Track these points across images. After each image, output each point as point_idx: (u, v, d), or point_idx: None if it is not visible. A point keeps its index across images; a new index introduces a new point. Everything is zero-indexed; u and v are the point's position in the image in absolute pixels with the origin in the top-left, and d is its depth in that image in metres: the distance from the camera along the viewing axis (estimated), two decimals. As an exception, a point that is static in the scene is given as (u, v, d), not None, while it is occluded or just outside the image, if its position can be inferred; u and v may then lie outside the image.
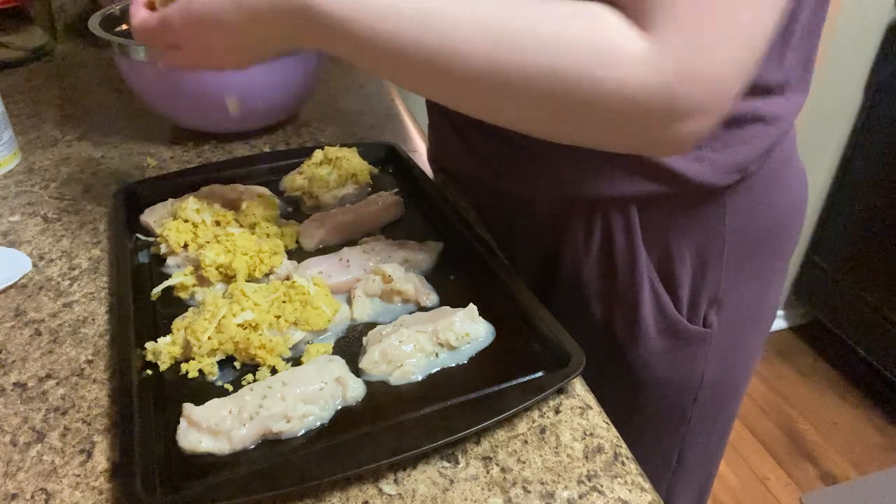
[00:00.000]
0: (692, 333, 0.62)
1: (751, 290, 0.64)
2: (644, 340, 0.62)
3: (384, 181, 0.71)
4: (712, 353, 0.64)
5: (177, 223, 0.58)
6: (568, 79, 0.39)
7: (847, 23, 1.51)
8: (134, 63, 0.76)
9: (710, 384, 0.66)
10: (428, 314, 0.50)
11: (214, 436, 0.40)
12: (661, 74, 0.38)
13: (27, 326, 0.53)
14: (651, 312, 0.61)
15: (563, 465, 0.41)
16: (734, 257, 0.60)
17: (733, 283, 0.61)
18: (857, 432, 1.72)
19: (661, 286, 0.60)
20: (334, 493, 0.39)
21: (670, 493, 0.75)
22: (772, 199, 0.60)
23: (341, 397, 0.44)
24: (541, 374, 0.46)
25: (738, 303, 0.63)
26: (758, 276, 0.64)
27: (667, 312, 0.61)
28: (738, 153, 0.54)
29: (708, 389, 0.67)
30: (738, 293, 0.62)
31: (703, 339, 0.63)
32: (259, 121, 0.83)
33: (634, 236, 0.58)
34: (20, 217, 0.67)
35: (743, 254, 0.60)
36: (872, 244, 1.67)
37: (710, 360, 0.65)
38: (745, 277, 0.62)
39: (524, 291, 0.52)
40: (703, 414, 0.69)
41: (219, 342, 0.47)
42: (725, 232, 0.59)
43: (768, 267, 0.64)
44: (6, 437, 0.43)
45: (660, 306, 0.61)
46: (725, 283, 0.61)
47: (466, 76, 0.41)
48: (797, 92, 0.55)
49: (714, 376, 0.66)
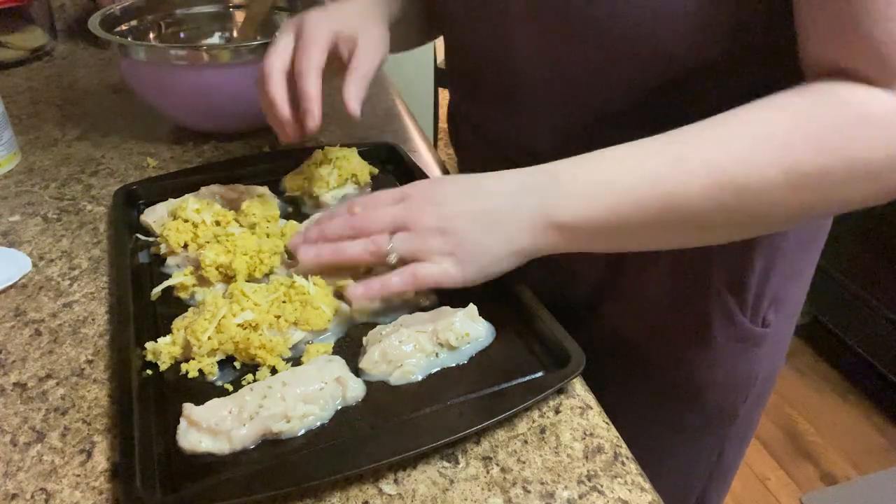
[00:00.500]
0: (755, 335, 0.62)
1: (799, 286, 0.64)
2: (709, 346, 0.61)
3: (384, 181, 0.71)
4: (766, 352, 0.64)
5: (177, 223, 0.58)
6: (844, 153, 0.40)
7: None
8: (134, 63, 0.76)
9: (760, 382, 0.66)
10: (428, 314, 0.50)
11: (214, 436, 0.40)
12: None
13: (27, 326, 0.53)
14: (719, 319, 0.60)
15: (563, 465, 0.41)
16: (793, 256, 0.60)
17: (789, 280, 0.61)
18: (857, 432, 1.71)
19: (729, 292, 0.59)
20: (334, 493, 0.39)
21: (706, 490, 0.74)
22: None
23: (341, 397, 0.44)
24: (541, 374, 0.46)
25: (790, 299, 0.63)
26: (805, 271, 0.64)
27: (734, 318, 0.60)
28: None
29: (757, 387, 0.66)
30: (790, 289, 0.62)
31: (763, 339, 0.63)
32: (259, 121, 0.83)
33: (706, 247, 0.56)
34: (20, 217, 0.67)
35: (799, 251, 0.60)
36: (873, 244, 1.67)
37: (764, 358, 0.64)
38: (797, 274, 0.62)
39: (524, 291, 0.52)
40: (749, 411, 0.68)
41: (219, 342, 0.47)
42: (788, 233, 0.58)
43: (812, 259, 0.64)
44: (6, 437, 0.43)
45: (728, 313, 0.60)
46: (784, 282, 0.61)
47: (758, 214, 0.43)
48: None
49: (765, 374, 0.66)
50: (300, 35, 0.55)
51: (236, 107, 0.78)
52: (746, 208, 0.43)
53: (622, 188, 0.44)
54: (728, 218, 0.44)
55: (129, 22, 0.86)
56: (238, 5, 0.93)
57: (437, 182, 0.49)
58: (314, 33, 0.54)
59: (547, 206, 0.45)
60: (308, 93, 0.53)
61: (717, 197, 0.42)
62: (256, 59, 0.73)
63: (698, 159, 0.42)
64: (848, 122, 0.41)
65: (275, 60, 0.55)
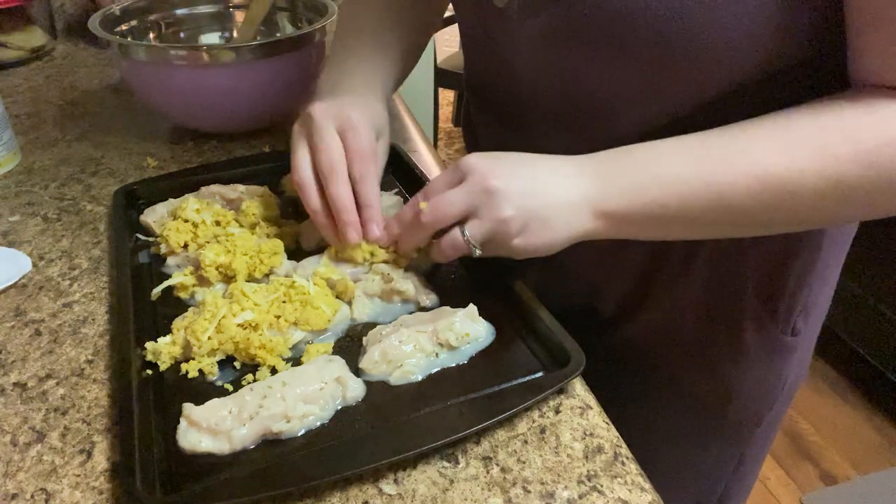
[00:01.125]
0: (786, 344, 0.61)
1: (826, 293, 0.63)
2: (741, 357, 0.61)
3: (384, 181, 0.71)
4: (796, 359, 0.63)
5: (177, 223, 0.58)
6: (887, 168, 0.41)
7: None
8: (134, 63, 0.76)
9: (788, 389, 0.65)
10: (428, 314, 0.50)
11: (214, 436, 0.40)
12: None
13: (27, 326, 0.53)
14: (751, 329, 0.59)
15: (563, 465, 0.41)
16: (824, 264, 0.59)
17: (819, 288, 0.61)
18: (857, 432, 1.72)
19: (761, 301, 0.59)
20: (334, 493, 0.39)
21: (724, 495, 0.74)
22: None
23: (341, 397, 0.44)
24: (541, 374, 0.46)
25: (817, 307, 0.62)
26: (833, 276, 0.63)
27: (767, 327, 0.60)
28: None
29: (785, 393, 0.65)
30: (819, 298, 0.62)
31: (793, 347, 0.62)
32: (259, 121, 0.83)
33: (744, 256, 0.56)
34: (20, 217, 0.67)
35: (830, 259, 0.60)
36: (873, 244, 1.67)
37: (793, 366, 0.64)
38: (827, 280, 0.61)
39: (524, 291, 0.52)
40: (773, 418, 0.68)
41: (219, 342, 0.47)
42: (824, 241, 0.57)
43: (839, 263, 0.63)
44: (6, 437, 0.43)
45: (760, 321, 0.59)
46: (815, 290, 0.60)
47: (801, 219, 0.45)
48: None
49: (793, 381, 0.65)
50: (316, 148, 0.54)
51: (236, 107, 0.78)
52: (789, 211, 0.44)
53: (669, 181, 0.45)
54: (770, 218, 0.45)
55: (129, 22, 0.86)
56: (238, 5, 0.93)
57: (496, 163, 0.48)
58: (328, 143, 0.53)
59: (598, 194, 0.46)
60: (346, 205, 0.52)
61: (762, 199, 0.43)
62: (256, 58, 0.74)
63: (749, 160, 0.43)
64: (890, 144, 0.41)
65: (303, 178, 0.53)
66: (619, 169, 0.47)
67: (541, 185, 0.47)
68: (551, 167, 0.48)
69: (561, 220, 0.47)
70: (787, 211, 0.44)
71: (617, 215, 0.47)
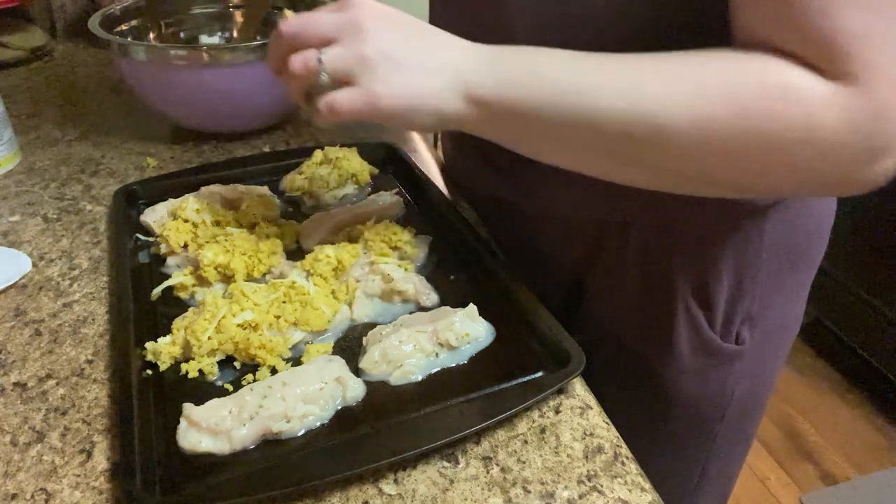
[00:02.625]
0: (725, 351, 0.61)
1: (782, 304, 0.62)
2: (677, 359, 0.60)
3: (384, 181, 0.71)
4: (742, 370, 0.63)
5: (177, 223, 0.58)
6: (747, 126, 0.39)
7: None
8: (134, 63, 0.76)
9: (738, 400, 0.64)
10: (428, 314, 0.50)
11: (214, 436, 0.40)
12: (859, 114, 0.38)
13: (27, 326, 0.53)
14: (685, 332, 0.59)
15: (563, 465, 0.41)
16: (770, 272, 0.58)
17: (767, 298, 0.60)
18: (857, 432, 1.72)
19: (696, 305, 0.58)
20: (334, 493, 0.39)
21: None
22: (807, 209, 0.58)
23: (341, 397, 0.44)
24: (541, 374, 0.46)
25: (769, 318, 0.61)
26: (790, 290, 0.62)
27: (702, 331, 0.59)
28: None
29: (736, 406, 0.65)
30: (770, 308, 0.61)
31: (736, 356, 0.61)
32: (259, 121, 0.83)
33: (672, 256, 0.57)
34: (20, 217, 0.67)
35: (778, 268, 0.59)
36: (873, 244, 1.67)
37: (740, 377, 0.63)
38: (778, 291, 0.61)
39: (524, 291, 0.52)
40: (730, 429, 0.67)
41: (219, 342, 0.47)
42: (763, 248, 0.57)
43: (799, 280, 0.62)
44: (6, 437, 0.43)
45: (695, 325, 0.59)
46: (759, 300, 0.59)
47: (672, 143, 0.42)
48: None
49: (742, 393, 0.64)
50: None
51: (236, 107, 0.78)
52: (657, 148, 0.42)
53: (547, 85, 0.43)
54: (639, 154, 0.43)
55: (129, 22, 0.86)
56: (238, 5, 0.93)
57: (384, 10, 0.46)
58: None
59: (476, 78, 0.44)
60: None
61: (631, 126, 0.41)
62: (256, 59, 0.74)
63: (626, 84, 0.42)
64: (775, 98, 0.39)
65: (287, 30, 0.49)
66: (504, 61, 0.45)
67: (418, 45, 0.45)
68: (440, 38, 0.46)
69: (426, 86, 0.44)
70: (655, 147, 0.42)
71: (488, 106, 0.44)
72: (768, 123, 0.39)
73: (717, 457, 0.69)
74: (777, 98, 0.39)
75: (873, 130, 0.39)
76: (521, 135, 0.46)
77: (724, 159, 0.41)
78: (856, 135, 0.39)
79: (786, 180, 0.43)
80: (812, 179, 0.43)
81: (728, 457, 0.71)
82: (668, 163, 0.43)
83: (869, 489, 1.56)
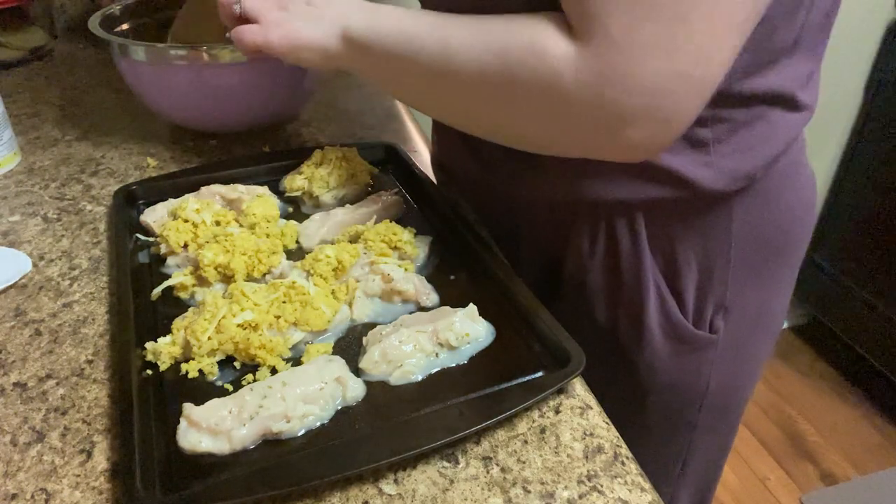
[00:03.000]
0: (698, 339, 0.62)
1: (757, 297, 0.63)
2: (649, 345, 0.62)
3: (384, 181, 0.71)
4: (718, 360, 0.64)
5: (177, 223, 0.58)
6: (506, 75, 0.44)
7: (847, 23, 1.51)
8: (134, 63, 0.76)
9: (715, 391, 0.65)
10: (428, 314, 0.50)
11: (214, 436, 0.40)
12: (588, 75, 0.41)
13: (27, 326, 0.53)
14: (656, 317, 0.60)
15: (563, 465, 0.41)
16: (741, 264, 0.59)
17: (740, 289, 0.61)
18: (857, 432, 1.72)
19: (667, 291, 0.60)
20: (334, 493, 0.39)
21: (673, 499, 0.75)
22: (780, 205, 0.59)
23: (341, 397, 0.44)
24: (541, 374, 0.46)
25: (744, 309, 0.62)
26: (765, 283, 0.63)
27: (672, 317, 0.60)
28: (745, 160, 0.53)
29: (714, 396, 0.66)
30: (744, 299, 0.62)
31: (709, 344, 0.62)
32: (259, 121, 0.83)
33: (640, 241, 0.58)
34: (20, 217, 0.67)
35: (749, 260, 0.60)
36: (872, 244, 1.67)
37: (716, 366, 0.64)
38: (752, 284, 0.61)
39: (524, 291, 0.52)
40: (709, 421, 0.68)
41: (219, 342, 0.47)
42: (732, 238, 0.58)
43: (775, 274, 0.63)
44: (6, 437, 0.43)
45: (665, 311, 0.60)
46: (732, 290, 0.60)
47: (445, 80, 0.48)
48: (804, 101, 0.55)
49: (720, 383, 0.65)
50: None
51: (236, 107, 0.78)
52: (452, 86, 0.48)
53: (394, 33, 0.50)
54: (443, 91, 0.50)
55: (129, 21, 0.86)
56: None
57: None
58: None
59: (352, 20, 0.53)
60: None
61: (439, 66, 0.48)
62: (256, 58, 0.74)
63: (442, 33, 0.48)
64: (529, 53, 0.43)
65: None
66: (379, 14, 0.52)
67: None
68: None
69: (315, 32, 0.54)
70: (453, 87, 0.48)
71: (356, 44, 0.53)
72: (522, 76, 0.43)
73: (698, 449, 0.71)
74: (531, 54, 0.43)
75: (603, 94, 0.41)
76: (379, 71, 0.54)
77: (494, 105, 0.47)
78: (587, 96, 0.42)
79: (541, 133, 0.47)
80: (565, 137, 0.46)
81: (709, 449, 0.72)
82: (460, 102, 0.50)
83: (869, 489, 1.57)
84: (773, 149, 0.54)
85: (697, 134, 0.52)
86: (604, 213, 0.58)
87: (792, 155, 0.58)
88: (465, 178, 0.68)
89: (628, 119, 0.41)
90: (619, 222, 0.58)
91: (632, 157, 0.46)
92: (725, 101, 0.50)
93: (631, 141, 0.43)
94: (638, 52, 0.39)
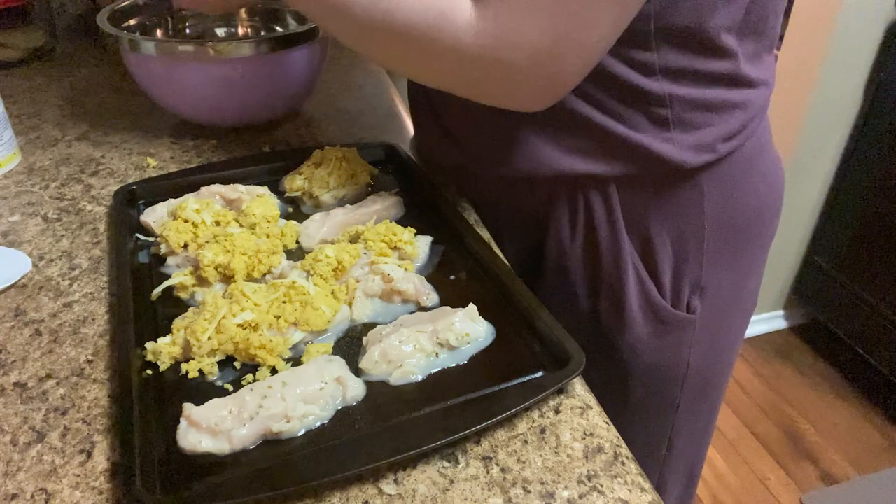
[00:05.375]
0: (677, 319, 0.64)
1: (731, 277, 0.66)
2: (630, 327, 0.64)
3: (384, 181, 0.71)
4: (697, 339, 0.66)
5: (177, 223, 0.58)
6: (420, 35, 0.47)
7: (847, 23, 1.51)
8: (142, 58, 0.76)
9: (696, 370, 0.68)
10: (428, 314, 0.50)
11: (214, 436, 0.40)
12: (484, 38, 0.46)
13: (27, 326, 0.53)
14: (636, 298, 0.62)
15: (563, 465, 0.41)
16: (714, 244, 0.62)
17: (714, 270, 0.63)
18: (857, 432, 1.72)
19: (645, 273, 0.62)
20: (334, 493, 0.39)
21: (661, 481, 0.77)
22: (748, 186, 0.62)
23: (341, 397, 0.44)
24: (541, 374, 0.46)
25: (719, 289, 0.65)
26: (738, 264, 0.65)
27: (651, 298, 0.63)
28: (705, 134, 0.56)
29: (694, 376, 0.68)
30: (719, 280, 0.64)
31: (688, 324, 0.65)
32: (265, 115, 0.83)
33: (617, 223, 0.60)
34: (20, 217, 0.67)
35: (722, 241, 0.62)
36: (872, 244, 1.67)
37: (695, 346, 0.66)
38: (726, 265, 0.64)
39: (524, 291, 0.52)
40: (691, 400, 0.70)
41: (219, 342, 0.47)
42: (704, 219, 0.61)
43: (747, 255, 0.66)
44: (6, 437, 0.43)
45: (644, 292, 0.62)
46: (707, 270, 0.63)
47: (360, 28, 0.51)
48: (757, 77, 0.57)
49: (700, 362, 0.68)
50: None
51: (243, 101, 0.79)
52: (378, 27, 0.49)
53: None
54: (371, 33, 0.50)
55: (135, 18, 0.87)
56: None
57: None
58: None
59: None
60: None
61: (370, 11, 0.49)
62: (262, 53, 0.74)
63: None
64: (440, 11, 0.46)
65: None
66: None
67: None
68: None
69: None
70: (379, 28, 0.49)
71: None
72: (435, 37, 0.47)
73: (683, 429, 0.73)
74: (442, 17, 0.46)
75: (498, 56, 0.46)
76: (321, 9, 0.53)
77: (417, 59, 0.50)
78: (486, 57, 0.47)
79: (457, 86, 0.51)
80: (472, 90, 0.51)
81: (692, 429, 0.75)
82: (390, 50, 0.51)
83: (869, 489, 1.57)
84: (732, 124, 0.57)
85: (658, 112, 0.55)
86: (581, 194, 0.60)
87: (758, 138, 0.61)
88: (444, 163, 0.70)
89: (519, 77, 0.47)
90: (597, 204, 0.60)
91: (529, 107, 0.51)
92: (680, 79, 0.54)
93: (525, 94, 0.49)
94: (524, 15, 0.44)
